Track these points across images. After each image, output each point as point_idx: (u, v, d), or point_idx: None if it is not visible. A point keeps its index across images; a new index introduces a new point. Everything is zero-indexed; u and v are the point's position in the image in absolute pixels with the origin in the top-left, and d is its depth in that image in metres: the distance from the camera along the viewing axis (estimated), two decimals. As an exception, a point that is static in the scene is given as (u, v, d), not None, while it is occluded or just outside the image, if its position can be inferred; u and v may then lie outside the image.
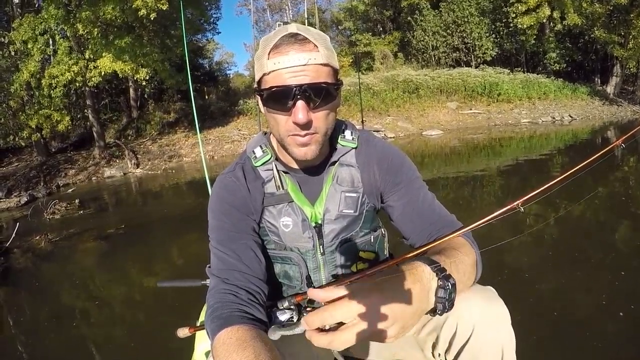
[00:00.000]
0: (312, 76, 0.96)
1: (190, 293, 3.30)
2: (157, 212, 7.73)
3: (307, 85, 0.95)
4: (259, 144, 1.21)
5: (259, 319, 0.95)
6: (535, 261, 3.44)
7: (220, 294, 0.98)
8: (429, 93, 18.64)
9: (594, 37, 19.99)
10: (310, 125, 1.00)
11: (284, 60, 0.95)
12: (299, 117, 0.96)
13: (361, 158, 1.21)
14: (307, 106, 0.97)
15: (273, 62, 0.97)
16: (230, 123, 17.28)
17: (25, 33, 13.24)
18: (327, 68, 1.00)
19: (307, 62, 0.95)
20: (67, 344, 3.04)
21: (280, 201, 1.17)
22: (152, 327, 3.16)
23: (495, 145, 11.85)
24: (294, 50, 0.95)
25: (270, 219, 1.18)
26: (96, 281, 4.45)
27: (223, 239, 1.10)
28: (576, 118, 17.03)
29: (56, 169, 13.87)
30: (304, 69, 0.96)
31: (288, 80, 0.96)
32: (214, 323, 0.90)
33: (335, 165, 1.19)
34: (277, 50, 0.97)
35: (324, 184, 1.18)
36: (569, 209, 4.60)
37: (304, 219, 1.16)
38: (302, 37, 0.97)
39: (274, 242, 1.19)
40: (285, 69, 0.96)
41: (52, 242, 5.85)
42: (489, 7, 22.11)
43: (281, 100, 0.98)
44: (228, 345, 0.82)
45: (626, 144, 1.34)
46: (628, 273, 2.99)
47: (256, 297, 1.01)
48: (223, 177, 1.20)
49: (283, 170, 1.18)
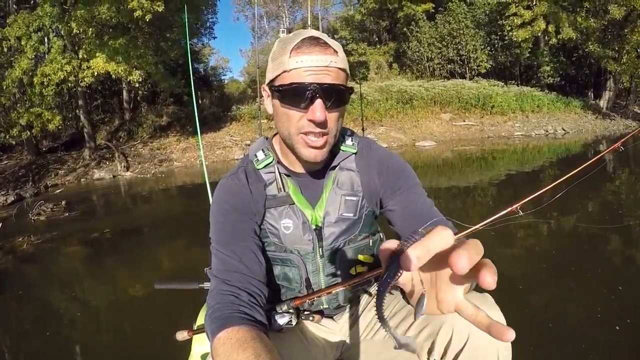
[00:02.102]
0: (332, 78, 1.01)
1: (182, 297, 3.26)
2: (145, 217, 7.61)
3: (327, 85, 1.00)
4: (260, 148, 1.24)
5: (259, 321, 0.94)
6: (530, 271, 3.41)
7: (220, 295, 0.98)
8: (423, 104, 18.65)
9: (588, 51, 20.10)
10: (325, 125, 1.04)
11: (307, 59, 0.99)
12: (316, 115, 1.00)
13: (361, 163, 1.24)
14: (324, 105, 1.00)
15: (295, 60, 1.00)
16: (223, 129, 17.22)
17: (19, 29, 13.08)
18: (344, 73, 1.05)
19: (328, 64, 1.00)
20: (46, 351, 2.92)
21: (281, 203, 1.19)
22: (139, 333, 3.06)
23: (487, 157, 11.85)
24: (316, 52, 1.00)
25: (272, 221, 1.19)
26: (78, 286, 4.32)
27: (224, 241, 1.10)
28: (569, 131, 17.08)
29: (45, 169, 13.74)
30: (325, 70, 1.00)
31: (308, 79, 0.99)
32: (214, 323, 0.90)
33: (335, 169, 1.22)
34: (299, 50, 1.00)
35: (325, 188, 1.21)
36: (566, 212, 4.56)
37: (304, 222, 1.18)
38: (323, 41, 1.02)
39: (275, 244, 1.20)
40: (307, 67, 0.99)
41: (34, 244, 5.70)
42: (484, 19, 22.26)
43: (299, 97, 1.01)
44: (228, 345, 0.82)
45: (625, 146, 1.33)
46: (625, 286, 2.97)
47: (257, 299, 1.01)
48: (226, 180, 1.22)
49: (285, 173, 1.20)
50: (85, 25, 12.88)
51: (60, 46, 13.65)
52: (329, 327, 1.32)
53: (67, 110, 17.10)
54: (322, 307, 1.28)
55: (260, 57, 29.71)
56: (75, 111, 17.01)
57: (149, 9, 12.64)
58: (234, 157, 14.67)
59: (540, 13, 19.55)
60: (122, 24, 14.00)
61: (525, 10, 19.80)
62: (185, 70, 19.75)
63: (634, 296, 2.84)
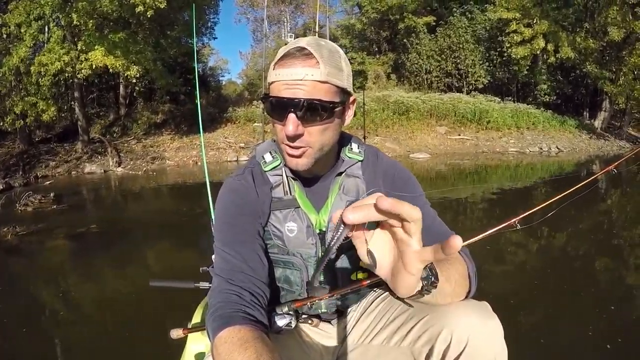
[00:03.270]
0: (306, 91, 0.98)
1: (167, 296, 3.22)
2: (134, 214, 7.54)
3: (298, 99, 0.98)
4: (268, 150, 1.24)
5: (260, 322, 0.94)
6: (521, 288, 3.43)
7: (223, 293, 0.98)
8: (419, 116, 18.70)
9: (585, 71, 20.29)
10: (299, 139, 1.03)
11: (284, 73, 0.99)
12: (288, 129, 0.99)
13: (367, 171, 1.24)
14: (297, 120, 0.99)
15: (276, 73, 1.01)
16: (218, 130, 17.13)
17: (20, 17, 12.98)
18: (326, 85, 1.00)
19: (303, 77, 0.97)
20: (31, 349, 2.83)
21: (287, 206, 1.18)
22: (126, 331, 2.99)
23: (481, 172, 11.89)
24: (294, 65, 0.98)
25: (276, 223, 1.18)
26: (62, 281, 4.22)
27: (228, 241, 1.09)
28: (563, 150, 17.20)
29: (37, 159, 13.63)
30: (299, 84, 0.98)
31: (283, 92, 0.99)
32: (216, 322, 0.89)
33: (342, 175, 1.22)
34: (281, 62, 1.00)
35: (330, 193, 1.21)
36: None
37: (308, 225, 1.18)
38: (307, 52, 0.99)
39: (278, 246, 1.20)
40: (283, 81, 0.99)
41: (18, 235, 5.61)
42: (484, 35, 22.39)
43: (277, 110, 1.02)
44: (230, 344, 0.82)
45: (618, 169, 1.33)
46: (616, 306, 3.00)
47: (259, 299, 1.00)
48: (232, 179, 1.22)
49: (292, 177, 1.20)
50: (86, 16, 12.80)
51: (59, 36, 13.55)
52: (326, 331, 1.32)
53: (62, 102, 16.93)
54: (320, 311, 1.28)
55: (260, 60, 29.70)
56: (70, 103, 16.87)
57: (152, 4, 12.60)
58: (227, 159, 14.60)
59: (540, 31, 19.69)
60: (123, 19, 13.94)
61: (525, 28, 19.91)
62: (183, 69, 19.73)
63: (625, 316, 2.86)
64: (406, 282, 0.74)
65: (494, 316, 0.97)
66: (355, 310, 1.32)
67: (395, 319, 1.14)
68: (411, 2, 23.71)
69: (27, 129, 14.88)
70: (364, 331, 1.24)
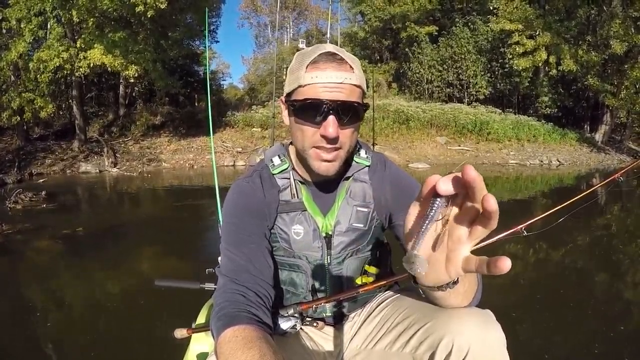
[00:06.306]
0: (346, 94, 1.02)
1: (165, 298, 3.11)
2: (125, 217, 7.35)
3: (341, 102, 1.02)
4: (277, 154, 1.26)
5: (265, 322, 0.95)
6: (523, 300, 3.35)
7: (229, 293, 0.99)
8: (419, 125, 18.65)
9: (587, 84, 20.25)
10: (337, 141, 1.06)
11: (322, 75, 1.01)
12: (329, 131, 1.02)
13: (375, 177, 1.26)
14: (337, 122, 1.02)
15: (311, 75, 1.02)
16: (216, 134, 17.00)
17: (20, 12, 12.92)
18: (359, 90, 1.06)
19: (343, 81, 1.01)
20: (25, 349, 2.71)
21: (293, 209, 1.20)
22: (119, 332, 2.87)
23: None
24: (332, 68, 1.02)
25: (282, 226, 1.20)
26: (47, 282, 4.04)
27: (235, 241, 1.11)
28: (563, 163, 17.11)
29: (33, 156, 13.61)
30: (339, 87, 1.01)
31: (322, 95, 1.01)
32: (221, 321, 0.90)
33: (349, 180, 1.24)
34: (315, 65, 1.03)
35: (337, 197, 1.22)
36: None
37: (315, 229, 1.20)
38: (339, 57, 1.04)
39: (284, 248, 1.21)
40: (322, 84, 1.01)
41: (5, 234, 5.46)
42: (486, 46, 22.39)
43: (313, 112, 1.03)
44: (234, 343, 0.82)
45: (624, 177, 1.26)
46: (619, 320, 2.93)
47: (264, 300, 1.01)
48: (240, 182, 1.23)
49: (299, 180, 1.22)
50: (87, 14, 12.75)
51: (59, 33, 13.51)
52: (330, 334, 1.32)
53: (61, 100, 16.84)
54: (325, 314, 1.29)
55: (261, 65, 29.84)
56: (69, 101, 16.78)
57: (152, 4, 12.55)
58: (224, 164, 14.46)
59: (543, 43, 19.72)
60: (124, 18, 13.89)
61: (527, 40, 19.92)
62: (183, 71, 19.68)
63: (628, 330, 2.81)
64: (436, 279, 0.76)
65: (496, 325, 0.96)
66: (359, 314, 1.32)
67: (399, 324, 1.12)
68: (414, 12, 23.79)
69: (24, 126, 14.81)
70: (367, 336, 1.23)
